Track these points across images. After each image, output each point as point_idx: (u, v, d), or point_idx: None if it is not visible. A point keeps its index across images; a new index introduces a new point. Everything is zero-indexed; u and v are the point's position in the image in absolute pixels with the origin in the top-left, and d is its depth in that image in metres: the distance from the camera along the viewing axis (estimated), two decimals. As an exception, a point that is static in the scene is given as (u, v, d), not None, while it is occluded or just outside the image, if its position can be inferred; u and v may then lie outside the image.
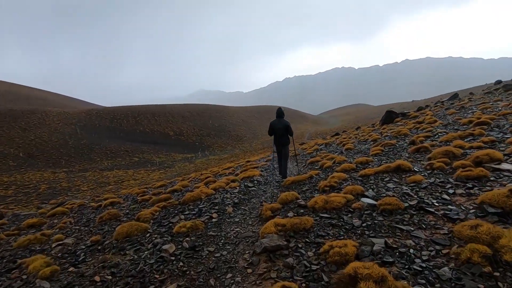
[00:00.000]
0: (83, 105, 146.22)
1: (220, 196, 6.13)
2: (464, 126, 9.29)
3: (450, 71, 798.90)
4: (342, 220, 3.50)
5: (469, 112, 12.68)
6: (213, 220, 4.59)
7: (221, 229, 4.16)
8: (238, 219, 4.56)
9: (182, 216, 4.99)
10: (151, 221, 5.14)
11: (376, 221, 3.28)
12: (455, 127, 9.54)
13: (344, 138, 15.28)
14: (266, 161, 13.41)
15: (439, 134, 8.78)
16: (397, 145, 8.44)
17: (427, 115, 13.97)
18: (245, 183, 7.30)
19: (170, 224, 4.68)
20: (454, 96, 30.44)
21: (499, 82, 33.37)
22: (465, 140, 6.89)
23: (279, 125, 6.78)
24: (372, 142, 10.06)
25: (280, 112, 6.96)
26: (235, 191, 6.50)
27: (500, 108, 11.34)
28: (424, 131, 9.90)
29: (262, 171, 9.28)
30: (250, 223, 4.31)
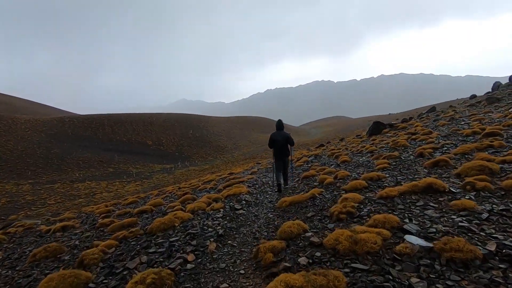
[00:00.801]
0: (56, 112, 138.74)
1: (199, 223, 4.71)
2: (470, 137, 8.50)
3: (422, 86, 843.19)
4: (390, 277, 2.23)
5: (463, 123, 12.10)
6: (188, 266, 3.18)
7: (199, 285, 2.76)
8: (224, 264, 3.17)
9: (144, 258, 3.52)
10: (100, 264, 3.63)
11: (450, 283, 2.04)
12: (459, 138, 8.75)
13: (334, 149, 14.30)
14: (251, 174, 12.08)
15: (446, 145, 7.89)
16: (402, 158, 7.45)
17: (416, 126, 13.31)
18: (231, 204, 5.91)
19: (125, 272, 3.21)
20: (432, 109, 30.87)
21: (473, 96, 34.35)
22: (487, 152, 5.97)
23: (279, 137, 6.70)
24: (369, 154, 9.08)
25: (280, 124, 6.97)
26: (218, 216, 5.10)
27: (498, 119, 10.79)
28: (425, 142, 9.04)
29: (249, 186, 7.93)
30: (242, 272, 2.95)
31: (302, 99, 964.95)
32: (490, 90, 32.97)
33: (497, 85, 32.30)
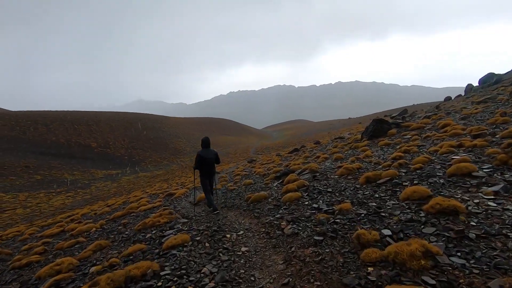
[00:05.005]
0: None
1: None
2: None
3: (375, 94, 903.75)
4: None
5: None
6: None
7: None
8: None
9: None
10: None
11: None
12: None
13: (350, 163, 9.37)
14: (195, 205, 6.88)
15: None
16: None
17: (449, 125, 9.26)
18: None
19: None
20: (404, 112, 29.03)
21: (449, 98, 33.11)
22: None
23: (210, 156, 6.34)
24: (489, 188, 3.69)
25: (208, 141, 6.53)
26: None
27: None
28: None
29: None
30: None
31: (264, 102, 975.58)
32: (462, 94, 32.15)
33: (469, 88, 31.40)
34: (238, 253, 3.22)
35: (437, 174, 4.40)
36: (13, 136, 65.46)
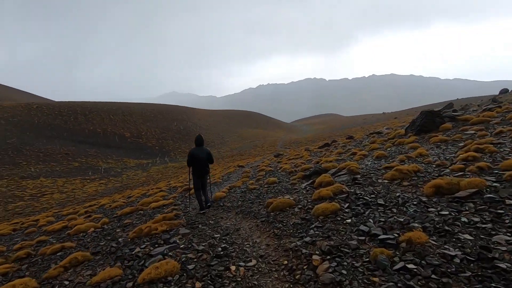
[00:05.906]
0: (30, 98, 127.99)
1: None
2: None
3: (411, 87, 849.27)
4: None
5: None
6: None
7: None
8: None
9: None
10: None
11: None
12: None
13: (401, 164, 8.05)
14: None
15: None
16: None
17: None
18: None
19: None
20: (449, 106, 26.16)
21: (506, 90, 29.28)
22: None
23: (202, 155, 6.28)
24: None
25: (201, 140, 6.55)
26: None
27: None
28: None
29: None
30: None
31: (294, 96, 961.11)
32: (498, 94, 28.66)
33: (504, 92, 27.92)
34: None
35: None
36: (56, 124, 69.94)
